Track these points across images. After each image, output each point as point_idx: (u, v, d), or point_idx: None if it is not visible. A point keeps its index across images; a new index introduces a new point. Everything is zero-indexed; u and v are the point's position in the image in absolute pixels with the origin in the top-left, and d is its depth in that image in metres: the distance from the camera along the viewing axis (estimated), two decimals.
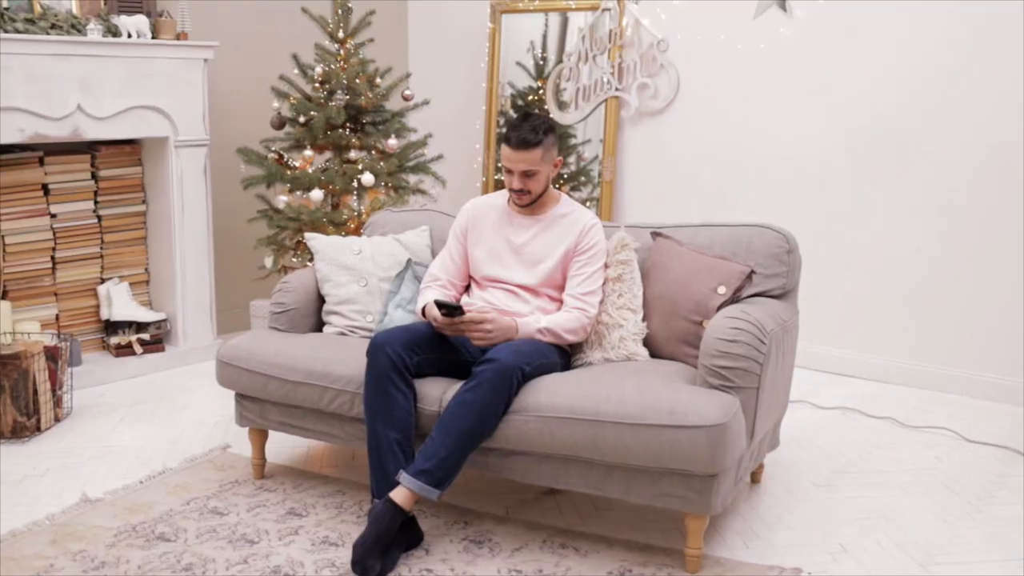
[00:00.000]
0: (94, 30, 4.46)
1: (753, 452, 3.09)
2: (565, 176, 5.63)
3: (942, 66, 4.49)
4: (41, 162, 4.60)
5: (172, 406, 4.35)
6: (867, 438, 3.99)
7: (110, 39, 4.51)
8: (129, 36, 4.59)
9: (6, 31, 4.17)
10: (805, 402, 4.39)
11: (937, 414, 4.27)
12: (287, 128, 4.96)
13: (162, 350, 4.91)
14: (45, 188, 4.63)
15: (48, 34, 4.32)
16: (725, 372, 2.84)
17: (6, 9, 4.24)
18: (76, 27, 4.44)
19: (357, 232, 4.77)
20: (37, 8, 4.41)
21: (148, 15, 4.79)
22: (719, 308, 3.08)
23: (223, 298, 5.32)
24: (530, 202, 3.31)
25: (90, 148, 4.79)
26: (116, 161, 4.87)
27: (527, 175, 3.23)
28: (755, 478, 3.51)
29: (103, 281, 4.89)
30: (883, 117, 4.67)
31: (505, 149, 3.23)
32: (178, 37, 4.80)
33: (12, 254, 4.53)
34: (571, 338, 3.21)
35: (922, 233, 4.63)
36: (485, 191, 5.89)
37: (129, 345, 4.82)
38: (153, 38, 4.69)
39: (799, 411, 4.26)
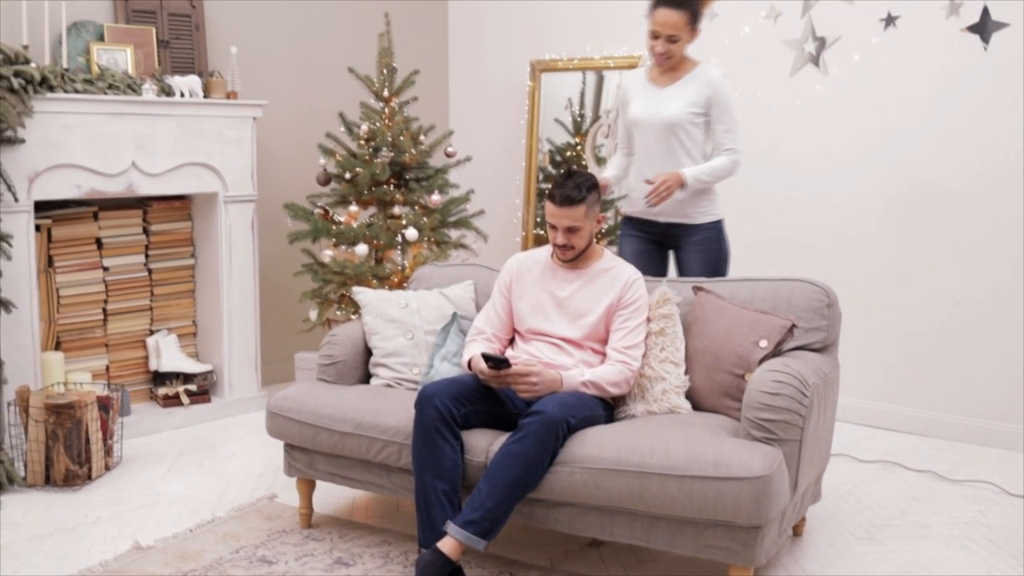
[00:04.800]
0: (149, 90, 4.61)
1: (796, 505, 3.12)
2: (603, 231, 5.71)
3: (978, 122, 4.54)
4: (95, 216, 4.74)
5: (219, 456, 4.42)
6: (908, 492, 4.00)
7: (164, 98, 4.66)
8: (182, 95, 4.73)
9: (66, 91, 4.32)
10: (846, 455, 4.39)
11: (979, 468, 4.26)
12: (333, 184, 5.07)
13: (208, 401, 5.00)
14: (99, 242, 4.77)
15: (105, 94, 4.46)
16: (768, 425, 2.88)
17: (66, 70, 4.40)
18: (132, 87, 4.59)
19: (400, 286, 4.86)
20: (95, 69, 4.58)
21: (200, 75, 4.95)
22: (761, 361, 3.13)
23: (268, 350, 5.41)
24: (574, 257, 3.39)
25: (142, 203, 4.93)
26: (167, 216, 5.01)
27: (571, 231, 3.31)
28: (797, 531, 3.53)
29: (152, 333, 5.01)
30: (920, 172, 4.72)
31: (549, 205, 3.31)
32: (228, 96, 4.94)
33: (66, 306, 4.66)
34: (614, 391, 3.27)
35: (960, 287, 4.65)
36: (525, 245, 5.98)
37: (176, 396, 4.92)
38: (205, 97, 4.84)
39: (840, 464, 4.27)
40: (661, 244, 4.01)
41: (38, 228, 4.46)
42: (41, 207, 4.44)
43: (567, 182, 3.30)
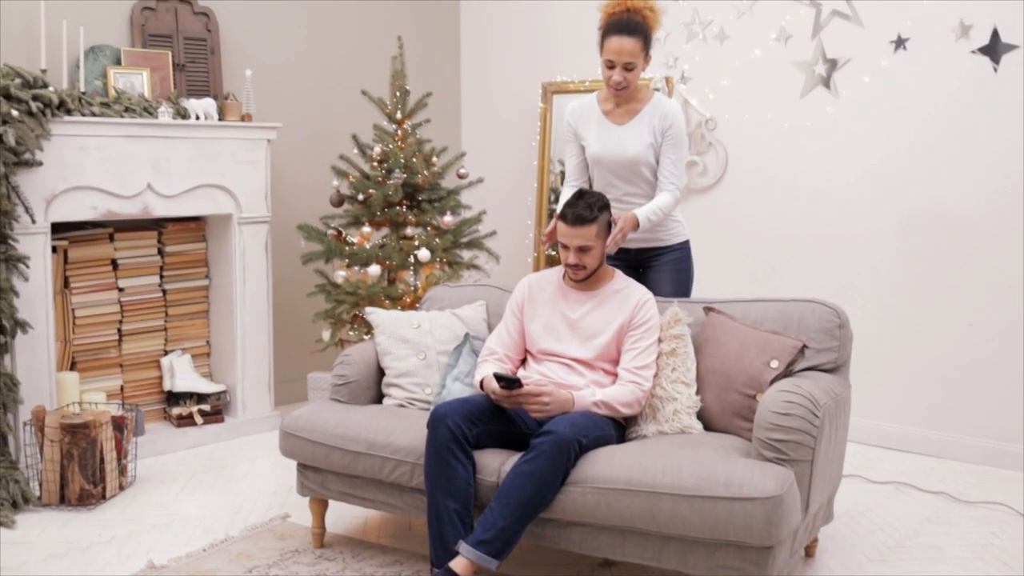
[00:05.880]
0: (165, 113, 4.66)
1: (808, 525, 3.12)
2: None
3: (989, 142, 4.55)
4: (111, 238, 4.79)
5: (232, 476, 4.44)
6: (922, 513, 3.99)
7: (179, 121, 4.71)
8: (197, 118, 4.78)
9: (83, 114, 4.37)
10: (858, 476, 4.39)
11: (992, 489, 4.25)
12: (346, 205, 5.11)
13: (221, 421, 5.02)
14: (114, 263, 4.81)
15: (122, 117, 4.51)
16: (779, 445, 2.89)
17: (83, 94, 4.45)
18: (148, 110, 4.65)
19: (413, 306, 4.88)
20: (112, 92, 4.63)
21: (215, 98, 5.01)
22: (772, 382, 3.14)
23: (281, 370, 5.44)
24: (585, 277, 3.41)
25: (157, 225, 4.97)
26: (181, 237, 5.05)
27: (582, 250, 3.33)
28: (809, 552, 3.52)
29: (166, 353, 5.04)
30: (931, 192, 4.73)
31: (561, 225, 3.34)
32: (243, 119, 4.99)
33: (81, 326, 4.69)
34: (626, 411, 3.28)
35: (972, 308, 4.65)
36: (537, 266, 6.00)
37: (190, 416, 4.94)
38: (220, 120, 4.89)
39: (852, 485, 4.27)
40: (634, 268, 3.99)
41: (55, 249, 4.50)
42: (58, 228, 4.49)
43: (579, 202, 3.33)
